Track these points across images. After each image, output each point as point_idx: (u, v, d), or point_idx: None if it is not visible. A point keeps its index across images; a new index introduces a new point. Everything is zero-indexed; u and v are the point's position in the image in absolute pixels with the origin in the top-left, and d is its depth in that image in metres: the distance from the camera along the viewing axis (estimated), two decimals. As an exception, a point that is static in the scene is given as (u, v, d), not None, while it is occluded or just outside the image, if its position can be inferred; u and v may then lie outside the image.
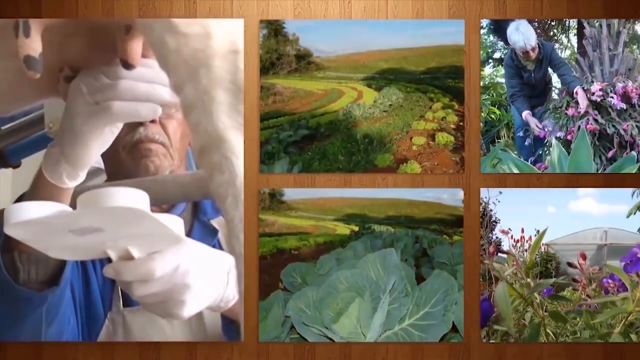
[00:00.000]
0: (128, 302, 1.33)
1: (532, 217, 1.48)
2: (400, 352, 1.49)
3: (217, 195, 1.55)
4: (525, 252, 1.48)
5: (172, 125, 1.38)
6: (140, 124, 1.30)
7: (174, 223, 0.98)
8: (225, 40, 1.59)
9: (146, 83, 1.10)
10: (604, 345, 1.49)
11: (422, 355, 1.49)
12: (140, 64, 1.05)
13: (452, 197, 1.49)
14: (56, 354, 1.48)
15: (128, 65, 1.04)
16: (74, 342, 1.42)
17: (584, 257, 1.49)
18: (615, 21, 1.47)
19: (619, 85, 1.47)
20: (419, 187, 1.48)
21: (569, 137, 1.47)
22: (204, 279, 1.08)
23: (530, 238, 1.48)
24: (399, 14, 1.48)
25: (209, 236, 1.43)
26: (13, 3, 1.49)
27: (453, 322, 1.49)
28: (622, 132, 1.48)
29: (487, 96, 1.47)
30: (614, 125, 1.47)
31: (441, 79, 1.47)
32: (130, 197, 0.88)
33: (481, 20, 1.48)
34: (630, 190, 1.49)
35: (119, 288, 1.32)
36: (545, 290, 1.49)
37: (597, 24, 1.47)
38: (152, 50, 1.50)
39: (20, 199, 1.27)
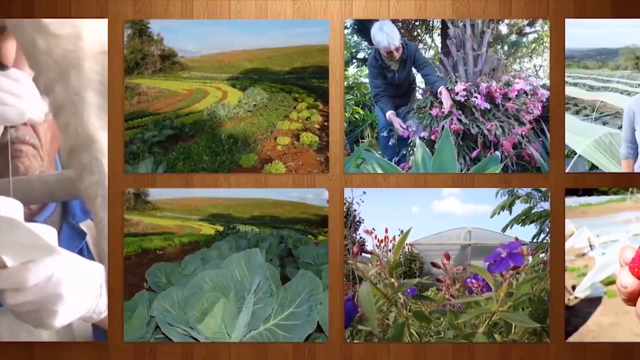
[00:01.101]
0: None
1: (396, 217, 1.56)
2: (265, 352, 1.57)
3: (86, 196, 1.64)
4: (389, 252, 1.56)
5: (43, 127, 1.46)
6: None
7: (48, 233, 1.03)
8: (95, 41, 1.68)
9: (11, 96, 1.17)
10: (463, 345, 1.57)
11: (288, 356, 1.57)
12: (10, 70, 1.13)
13: (317, 197, 1.57)
14: None
15: (1, 66, 1.12)
16: None
17: (447, 257, 1.57)
18: (480, 21, 1.55)
19: (483, 85, 1.55)
20: (283, 187, 1.56)
21: (433, 137, 1.55)
22: (77, 289, 1.13)
23: (394, 238, 1.56)
24: (272, 14, 1.55)
25: (77, 239, 1.50)
26: (5, 3, 1.55)
27: (318, 322, 1.57)
28: (486, 132, 1.55)
29: (351, 96, 1.55)
30: (477, 125, 1.55)
31: (306, 79, 1.55)
32: (4, 206, 0.93)
33: (345, 20, 1.55)
34: (494, 190, 1.56)
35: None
36: (409, 290, 1.57)
37: (461, 24, 1.55)
38: (22, 51, 1.59)
39: None
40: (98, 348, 1.55)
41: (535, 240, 1.56)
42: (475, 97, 1.55)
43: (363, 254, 1.58)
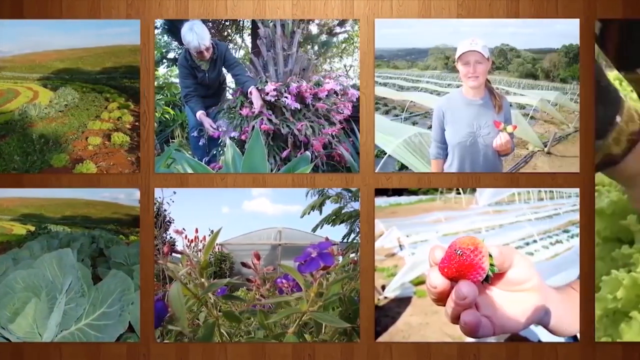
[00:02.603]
0: None
1: (207, 217, 1.67)
2: (75, 352, 1.67)
3: None
4: (199, 252, 1.67)
5: None
6: None
7: None
8: None
9: None
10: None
11: (98, 356, 1.68)
12: None
13: (128, 197, 1.68)
14: None
15: None
16: None
17: (258, 257, 1.68)
18: (290, 21, 1.66)
19: (293, 85, 1.66)
20: (95, 187, 1.67)
21: (243, 137, 1.66)
22: None
23: (204, 238, 1.67)
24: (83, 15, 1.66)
25: None
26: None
27: (130, 322, 1.68)
28: (296, 132, 1.67)
29: (161, 96, 1.66)
30: (288, 125, 1.66)
31: (117, 79, 1.66)
32: None
33: (155, 20, 1.66)
34: (304, 190, 1.67)
35: None
36: (219, 290, 1.68)
37: (271, 24, 1.66)
38: None
39: None
40: None
41: (345, 240, 1.67)
42: (286, 97, 1.66)
43: (173, 254, 1.69)
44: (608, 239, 1.56)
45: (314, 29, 1.69)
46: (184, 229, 1.69)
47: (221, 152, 1.69)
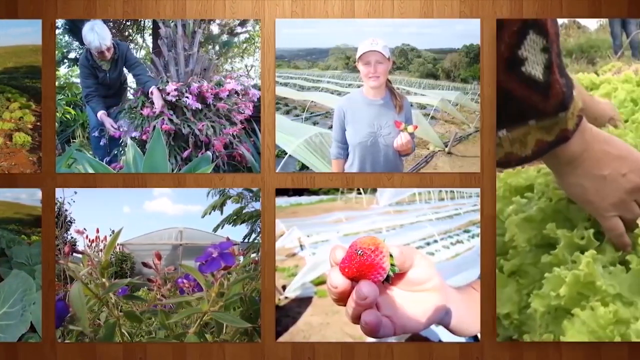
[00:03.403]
0: None
1: (108, 217, 1.73)
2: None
3: None
4: (100, 252, 1.74)
5: None
6: None
7: None
8: None
9: None
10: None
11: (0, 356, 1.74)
12: None
13: (30, 197, 1.74)
14: None
15: None
16: None
17: (159, 257, 1.75)
18: (191, 21, 1.73)
19: (194, 85, 1.72)
20: (-4, 187, 1.73)
21: (144, 137, 1.72)
22: None
23: (105, 238, 1.74)
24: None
25: None
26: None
27: (31, 322, 1.73)
28: (197, 132, 1.73)
29: (62, 96, 1.72)
30: (189, 125, 1.73)
31: (18, 79, 1.72)
32: None
33: (56, 20, 1.72)
34: (205, 190, 1.74)
35: None
36: (120, 290, 1.74)
37: (172, 24, 1.72)
38: None
39: None
40: None
41: (246, 240, 1.73)
42: (187, 97, 1.73)
43: (74, 254, 1.76)
44: (540, 245, 1.61)
45: (215, 29, 1.75)
46: (85, 229, 1.76)
47: (122, 152, 1.75)
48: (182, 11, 1.78)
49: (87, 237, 1.80)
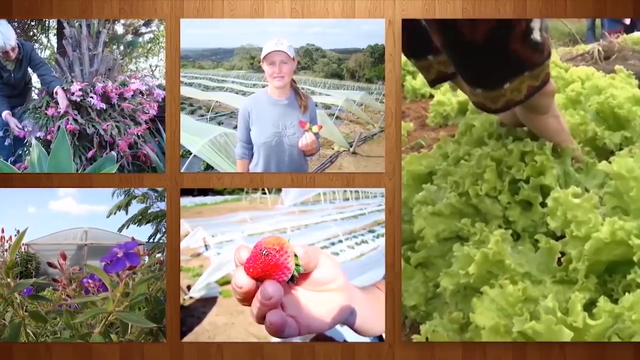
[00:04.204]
0: None
1: (13, 217, 1.80)
2: None
3: None
4: (5, 252, 1.79)
5: None
6: None
7: None
8: None
9: None
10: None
11: None
12: None
13: None
14: None
15: None
16: None
17: (64, 257, 1.81)
18: (95, 21, 1.79)
19: (99, 85, 1.79)
20: None
21: (49, 137, 1.79)
22: None
23: (10, 238, 1.80)
24: None
25: None
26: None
27: (-63, 322, 1.79)
28: (102, 132, 1.79)
29: (-34, 96, 1.78)
30: (93, 125, 1.79)
31: None
32: None
33: (-39, 20, 1.78)
34: (110, 190, 1.79)
35: None
36: (25, 290, 1.81)
37: (77, 24, 1.78)
38: None
39: None
40: None
41: (151, 240, 1.79)
42: (91, 97, 1.79)
43: (-21, 254, 1.81)
44: (448, 238, 1.67)
45: (119, 29, 1.81)
46: (-11, 229, 1.80)
47: (27, 152, 1.81)
48: (88, 11, 1.83)
49: (-9, 237, 1.85)
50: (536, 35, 1.45)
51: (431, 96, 1.93)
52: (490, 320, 1.46)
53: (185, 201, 1.86)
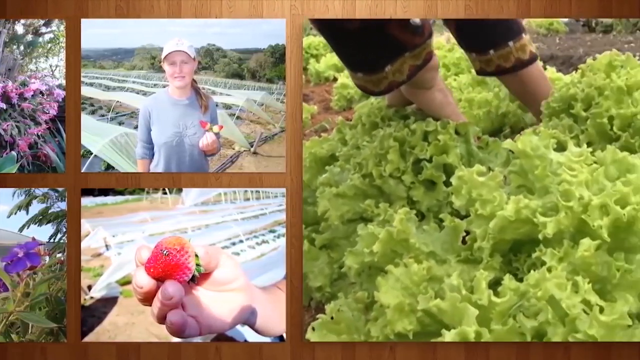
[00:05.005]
0: None
1: None
2: None
3: None
4: None
5: None
6: None
7: None
8: None
9: None
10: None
11: None
12: None
13: None
14: None
15: None
16: None
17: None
18: None
19: None
20: None
21: None
22: None
23: None
24: None
25: None
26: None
27: None
28: (2, 132, 1.85)
29: None
30: None
31: None
32: None
33: None
34: (11, 190, 1.85)
35: None
36: None
37: None
38: None
39: None
40: None
41: (52, 240, 1.85)
42: (-8, 97, 1.83)
43: None
44: (351, 220, 1.73)
45: (19, 28, 1.88)
46: None
47: None
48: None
49: None
50: (415, 20, 1.53)
51: (335, 79, 1.99)
52: (395, 299, 1.48)
53: (86, 201, 1.92)
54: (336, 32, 1.53)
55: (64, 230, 1.98)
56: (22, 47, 1.98)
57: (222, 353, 1.94)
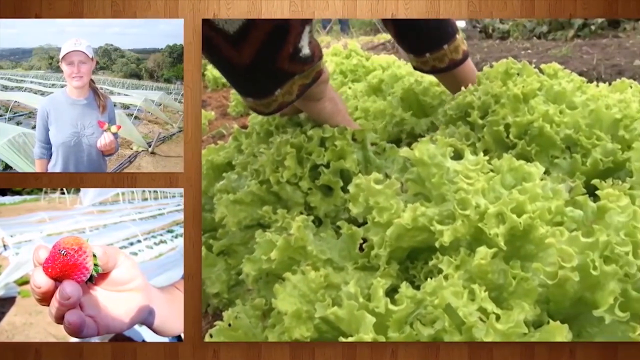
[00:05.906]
0: None
1: None
2: None
3: None
4: None
5: None
6: None
7: None
8: None
9: None
10: None
11: None
12: None
13: None
14: None
15: None
16: None
17: None
18: None
19: None
20: None
21: None
22: None
23: None
24: None
25: None
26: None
27: None
28: None
29: None
30: None
31: None
32: None
33: None
34: None
35: None
36: None
37: None
38: None
39: None
40: None
41: (-50, 241, 1.90)
42: None
43: None
44: (249, 226, 1.78)
45: None
46: None
47: None
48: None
49: None
50: (305, 51, 1.58)
51: (232, 85, 2.06)
52: (292, 306, 1.52)
53: (-16, 201, 1.98)
54: (226, 66, 1.57)
55: (-38, 230, 2.05)
56: None
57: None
